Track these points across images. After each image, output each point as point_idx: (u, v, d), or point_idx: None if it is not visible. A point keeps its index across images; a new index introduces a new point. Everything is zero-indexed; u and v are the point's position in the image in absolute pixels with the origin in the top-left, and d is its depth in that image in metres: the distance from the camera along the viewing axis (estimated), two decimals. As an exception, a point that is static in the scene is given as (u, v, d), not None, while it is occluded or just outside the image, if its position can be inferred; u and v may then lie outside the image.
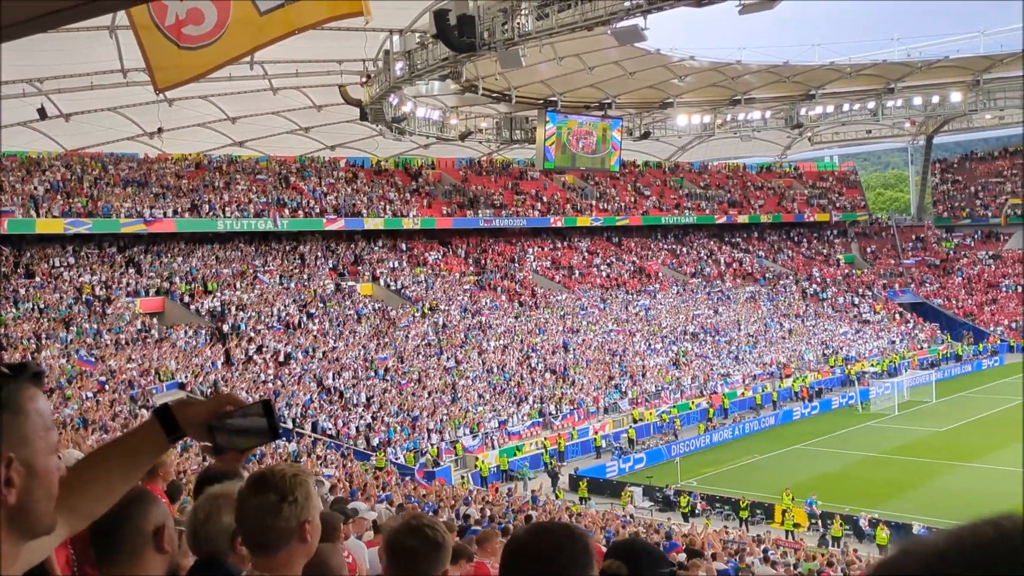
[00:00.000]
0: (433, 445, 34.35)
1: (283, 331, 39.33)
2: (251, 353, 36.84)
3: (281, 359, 37.20)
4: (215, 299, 39.93)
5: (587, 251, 58.95)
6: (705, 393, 44.38)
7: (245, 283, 42.24)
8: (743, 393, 45.05)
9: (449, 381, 39.23)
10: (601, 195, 61.54)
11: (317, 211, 47.25)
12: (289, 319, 40.26)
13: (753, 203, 67.76)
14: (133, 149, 44.59)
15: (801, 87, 52.25)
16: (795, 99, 53.54)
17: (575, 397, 40.93)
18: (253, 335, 38.17)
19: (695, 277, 59.81)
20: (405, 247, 51.49)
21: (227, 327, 38.14)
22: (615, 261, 58.59)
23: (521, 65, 30.38)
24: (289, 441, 30.00)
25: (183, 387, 33.48)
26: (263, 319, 39.54)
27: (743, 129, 56.57)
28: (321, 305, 42.41)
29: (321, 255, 47.35)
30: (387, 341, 41.10)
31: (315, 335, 39.76)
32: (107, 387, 30.96)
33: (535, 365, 42.90)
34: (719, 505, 30.20)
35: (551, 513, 23.99)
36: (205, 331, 37.64)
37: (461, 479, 32.67)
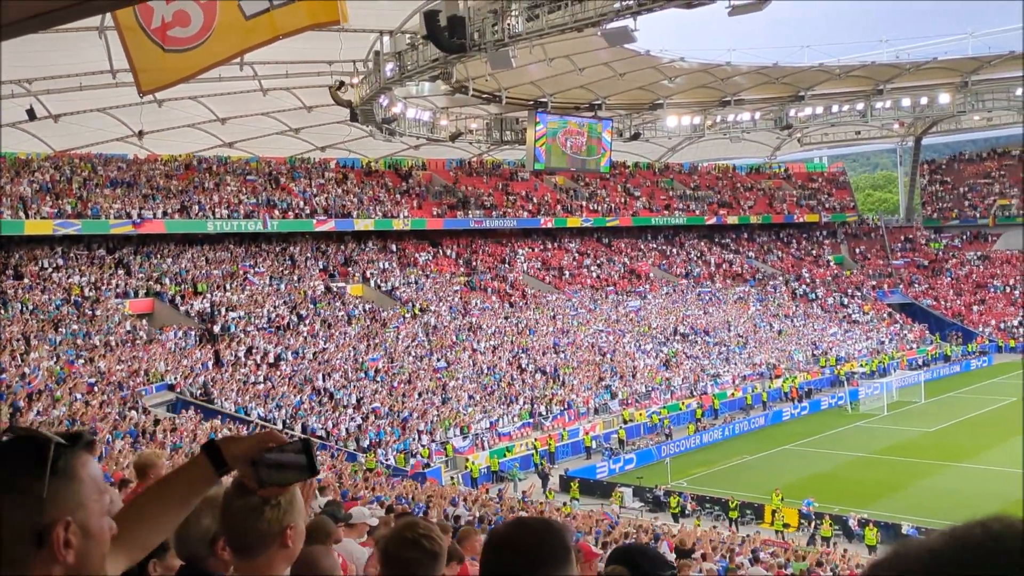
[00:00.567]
0: (424, 446, 34.36)
1: (273, 332, 39.24)
2: (241, 354, 36.76)
3: (271, 360, 37.12)
4: (205, 300, 39.81)
5: (577, 252, 58.98)
6: (695, 394, 44.48)
7: (235, 284, 42.12)
8: (733, 394, 45.19)
9: (439, 382, 39.23)
10: (591, 196, 61.59)
11: (307, 212, 47.14)
12: (279, 320, 40.17)
13: (743, 204, 67.89)
14: (122, 150, 44.38)
15: (790, 88, 52.37)
16: (784, 100, 53.65)
17: (565, 398, 40.95)
18: (243, 336, 38.09)
19: (685, 278, 59.90)
20: (395, 248, 51.44)
21: (217, 328, 38.03)
22: (605, 262, 58.64)
23: (511, 66, 30.35)
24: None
25: (172, 388, 33.42)
26: (253, 320, 39.44)
27: (733, 130, 56.64)
28: (311, 306, 42.33)
29: (311, 256, 47.25)
30: (377, 342, 41.05)
31: (305, 336, 39.68)
32: (96, 389, 30.81)
33: (525, 366, 42.91)
34: (709, 505, 30.30)
35: (541, 514, 23.98)
36: (195, 332, 37.52)
37: (451, 480, 32.67)
